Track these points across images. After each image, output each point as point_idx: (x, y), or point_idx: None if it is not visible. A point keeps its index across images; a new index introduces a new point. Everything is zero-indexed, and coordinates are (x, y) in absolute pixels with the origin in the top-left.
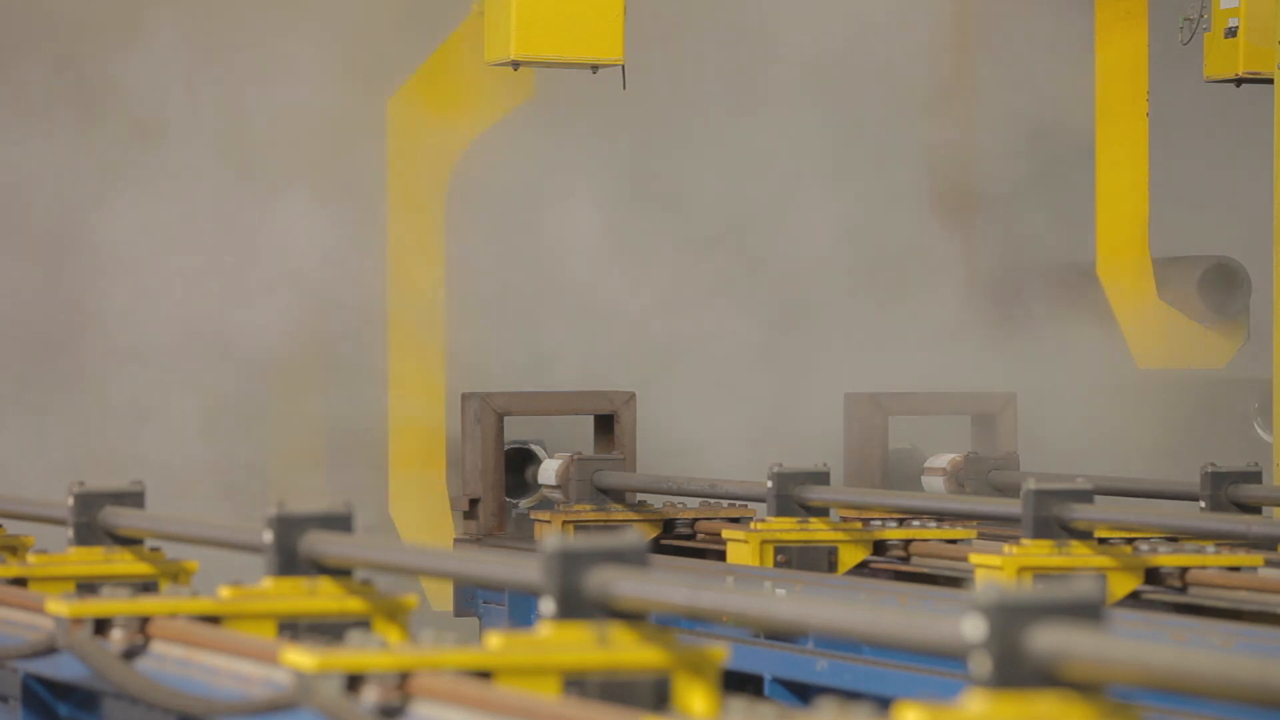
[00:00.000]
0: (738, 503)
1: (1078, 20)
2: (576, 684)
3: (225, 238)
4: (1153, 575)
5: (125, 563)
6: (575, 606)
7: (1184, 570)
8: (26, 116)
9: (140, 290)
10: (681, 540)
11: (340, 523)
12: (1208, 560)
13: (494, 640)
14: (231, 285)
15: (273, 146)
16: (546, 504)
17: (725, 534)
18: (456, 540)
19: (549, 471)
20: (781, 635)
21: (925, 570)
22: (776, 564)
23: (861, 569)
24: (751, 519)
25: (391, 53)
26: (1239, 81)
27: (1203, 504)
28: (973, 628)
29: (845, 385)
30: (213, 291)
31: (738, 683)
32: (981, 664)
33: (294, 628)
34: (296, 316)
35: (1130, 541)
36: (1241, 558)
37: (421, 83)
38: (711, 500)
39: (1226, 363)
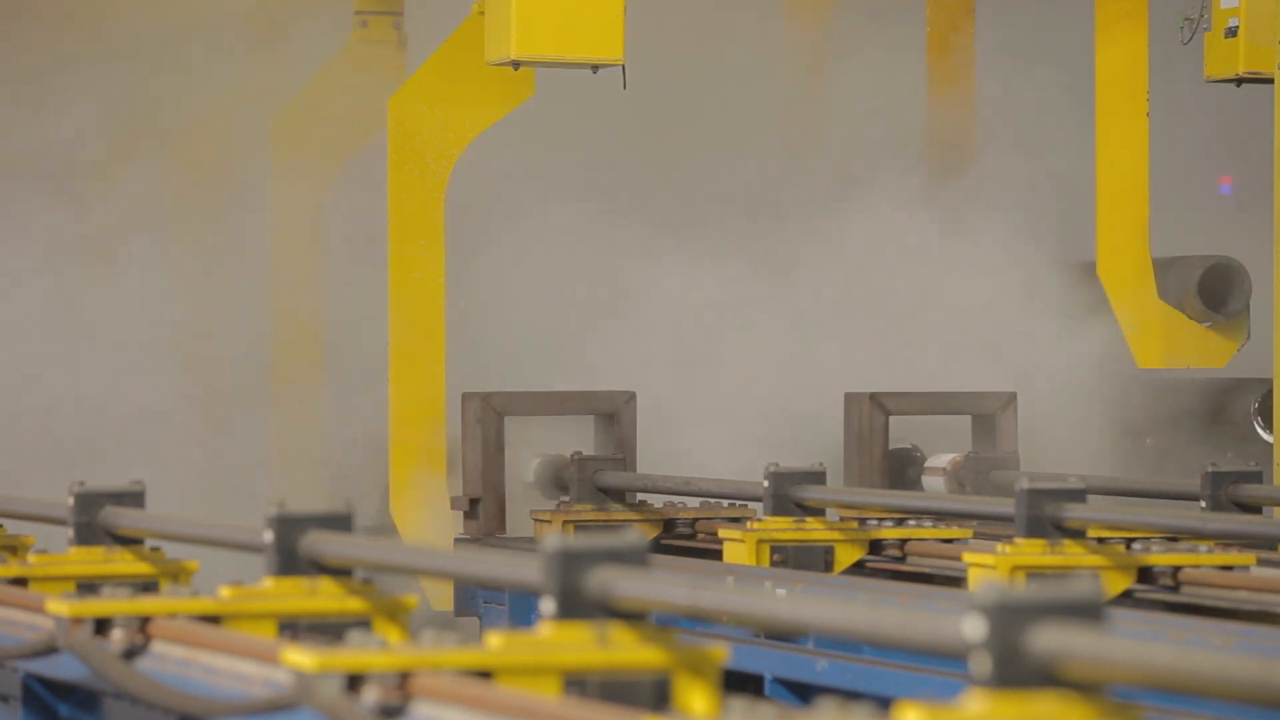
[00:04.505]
0: (738, 502)
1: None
2: (577, 684)
3: (230, 238)
4: (1145, 574)
5: (125, 563)
6: (575, 606)
7: (1176, 569)
8: None
9: (138, 289)
10: (682, 540)
11: (340, 523)
12: (1200, 559)
13: (494, 640)
14: (231, 285)
15: (274, 143)
16: (547, 504)
17: (721, 533)
18: (456, 540)
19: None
20: (782, 635)
21: (921, 569)
22: (773, 563)
23: (857, 568)
24: (750, 519)
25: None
26: (1239, 81)
27: (1203, 504)
28: (973, 628)
29: (845, 385)
30: (211, 291)
31: (738, 683)
32: (981, 664)
33: (294, 628)
34: (297, 316)
35: (1126, 541)
36: (1234, 557)
37: (421, 83)
38: (711, 500)
39: (1226, 363)
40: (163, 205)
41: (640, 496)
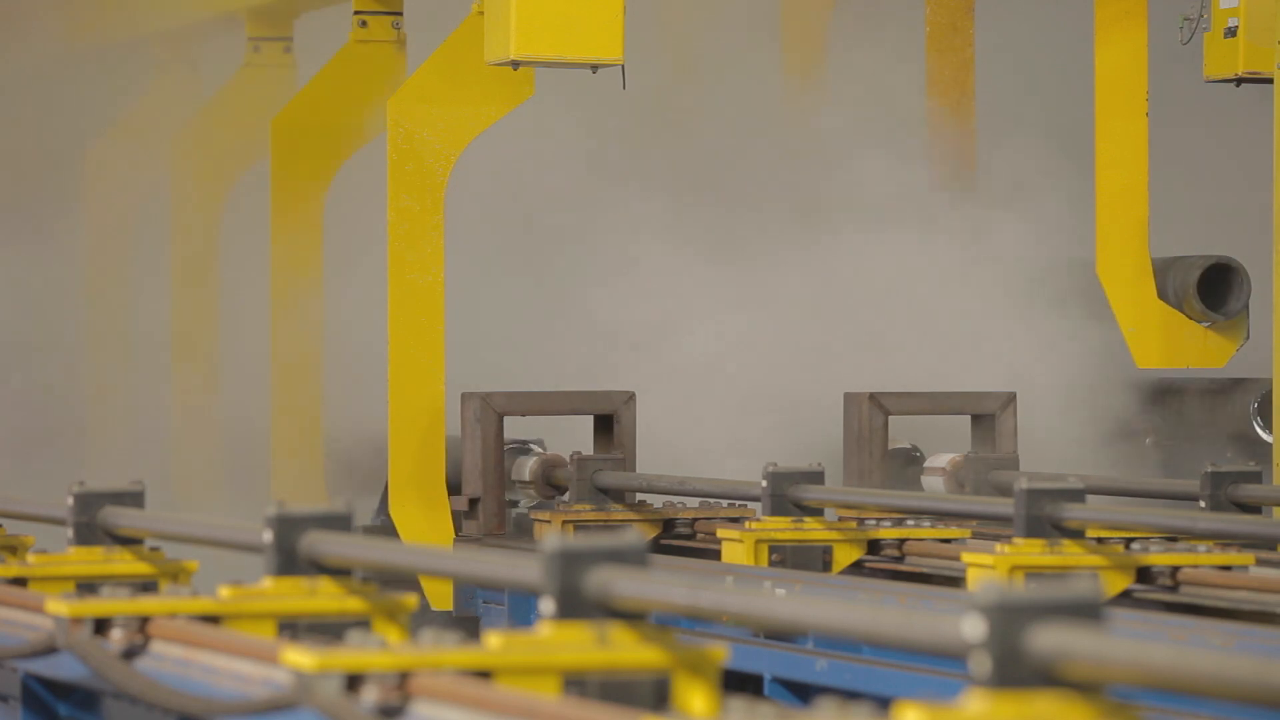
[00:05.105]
0: (737, 502)
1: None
2: (576, 684)
3: (229, 237)
4: (1144, 574)
5: (125, 562)
6: (575, 606)
7: (1175, 569)
8: None
9: (138, 288)
10: (681, 540)
11: (340, 522)
12: (1199, 559)
13: (494, 640)
14: (230, 284)
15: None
16: (547, 504)
17: (720, 533)
18: (456, 540)
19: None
20: (781, 635)
21: (920, 569)
22: (771, 563)
23: (856, 568)
24: (748, 519)
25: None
26: (1239, 81)
27: (1202, 504)
28: (972, 628)
29: (845, 385)
30: (211, 289)
31: (738, 682)
32: (981, 664)
33: (294, 628)
34: (297, 315)
35: (1125, 541)
36: (1233, 556)
37: (421, 83)
38: (711, 500)
39: (1226, 363)
40: (163, 204)
41: (640, 496)
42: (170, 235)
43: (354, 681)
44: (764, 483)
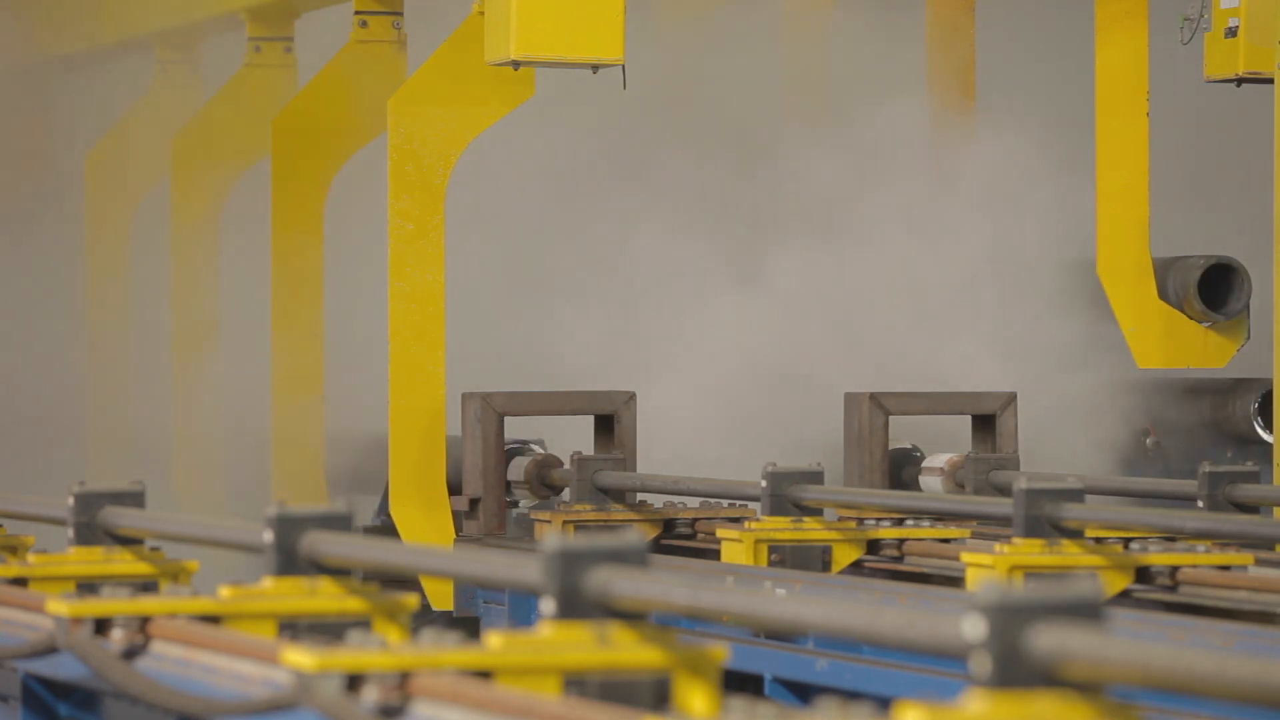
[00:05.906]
0: (737, 502)
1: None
2: (576, 684)
3: (229, 237)
4: (1143, 574)
5: (125, 562)
6: (575, 606)
7: (1174, 569)
8: None
9: (137, 289)
10: (681, 540)
11: (340, 523)
12: (1198, 559)
13: (494, 640)
14: (231, 284)
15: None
16: (547, 504)
17: (719, 533)
18: (457, 540)
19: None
20: (781, 635)
21: (919, 569)
22: (771, 563)
23: (856, 568)
24: (748, 519)
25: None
26: (1239, 81)
27: (1201, 504)
28: (973, 628)
29: (845, 385)
30: (211, 290)
31: (738, 682)
32: (981, 664)
33: (294, 628)
34: (297, 315)
35: (1124, 541)
36: (1231, 556)
37: (421, 83)
38: (711, 500)
39: (1227, 363)
40: (163, 204)
41: (640, 496)
42: (170, 235)
43: (354, 681)
44: (763, 483)
